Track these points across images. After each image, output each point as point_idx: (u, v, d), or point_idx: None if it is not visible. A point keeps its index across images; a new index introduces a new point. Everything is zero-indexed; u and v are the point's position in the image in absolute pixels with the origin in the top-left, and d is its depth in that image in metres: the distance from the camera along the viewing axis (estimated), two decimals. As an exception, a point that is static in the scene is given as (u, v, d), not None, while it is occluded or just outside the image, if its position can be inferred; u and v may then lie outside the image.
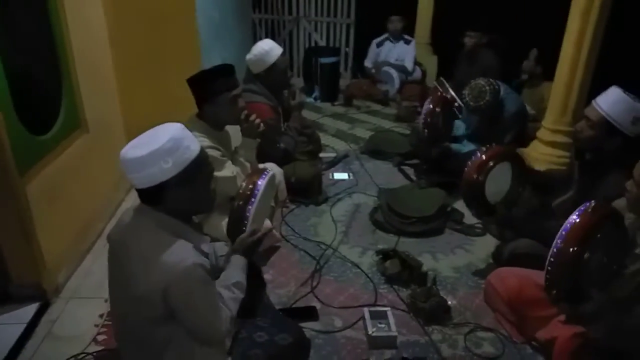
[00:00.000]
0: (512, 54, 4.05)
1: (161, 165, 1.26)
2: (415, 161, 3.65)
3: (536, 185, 2.62)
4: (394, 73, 5.23)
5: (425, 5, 5.72)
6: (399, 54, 5.28)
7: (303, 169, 2.94)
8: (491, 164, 2.25)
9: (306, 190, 3.00)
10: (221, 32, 4.02)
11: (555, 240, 1.60)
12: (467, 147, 3.29)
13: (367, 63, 5.45)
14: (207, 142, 2.07)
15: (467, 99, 3.06)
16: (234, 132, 2.31)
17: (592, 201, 1.62)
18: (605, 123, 1.97)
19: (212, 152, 2.07)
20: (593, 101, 2.04)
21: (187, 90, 2.10)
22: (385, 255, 2.43)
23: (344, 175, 3.40)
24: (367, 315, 2.06)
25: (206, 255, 1.41)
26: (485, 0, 4.79)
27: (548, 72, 3.61)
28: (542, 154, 2.93)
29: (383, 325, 2.02)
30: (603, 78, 2.69)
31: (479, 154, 2.29)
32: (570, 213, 2.17)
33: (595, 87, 2.70)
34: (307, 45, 6.24)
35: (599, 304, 1.64)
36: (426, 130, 3.17)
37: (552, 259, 1.60)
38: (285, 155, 2.90)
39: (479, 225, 2.85)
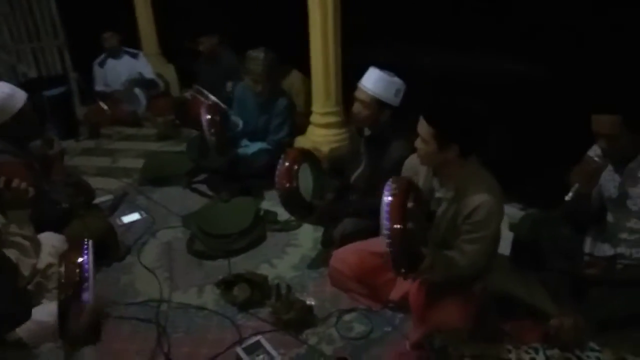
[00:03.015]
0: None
1: None
2: (203, 176, 3.47)
3: (331, 169, 2.84)
4: (136, 90, 4.81)
5: (144, 16, 5.40)
6: (129, 69, 4.86)
7: (92, 226, 2.43)
8: (296, 167, 2.33)
9: (102, 249, 2.49)
10: None
11: (384, 224, 1.66)
12: (251, 147, 3.31)
13: (98, 87, 4.86)
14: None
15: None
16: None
17: (393, 179, 1.77)
18: (375, 101, 2.25)
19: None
20: (359, 84, 2.29)
21: None
22: (228, 283, 2.25)
23: (134, 216, 2.97)
24: (242, 355, 1.87)
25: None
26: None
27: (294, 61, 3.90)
28: (320, 136, 3.17)
29: (262, 356, 1.88)
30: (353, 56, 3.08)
31: (281, 162, 2.33)
32: (366, 184, 2.46)
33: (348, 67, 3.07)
34: (16, 80, 5.13)
35: (431, 255, 1.87)
36: (214, 140, 3.02)
37: (389, 241, 1.66)
38: (64, 216, 2.35)
39: (291, 218, 2.92)
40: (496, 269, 2.02)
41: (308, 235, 2.75)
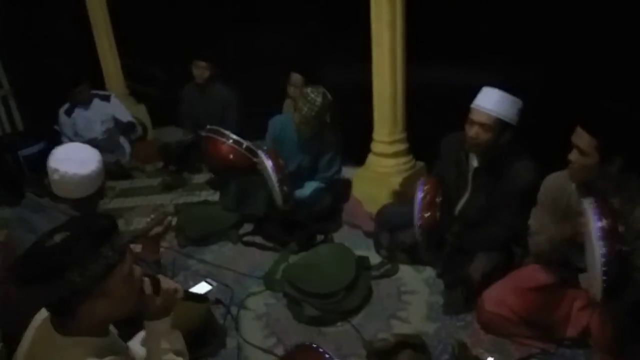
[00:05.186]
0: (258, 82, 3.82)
1: None
2: (250, 227, 3.03)
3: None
4: (119, 137, 4.20)
5: (107, 52, 4.76)
6: (101, 114, 4.21)
7: (190, 312, 1.93)
8: (437, 200, 2.09)
9: (203, 336, 2.01)
10: None
11: (599, 249, 1.54)
12: (307, 188, 2.96)
13: (67, 138, 4.13)
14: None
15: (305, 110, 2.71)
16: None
17: (600, 204, 1.61)
18: (499, 122, 2.07)
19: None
20: (477, 106, 2.09)
21: None
22: (383, 353, 1.90)
23: (204, 287, 2.42)
24: None
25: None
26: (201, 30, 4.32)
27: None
28: (389, 167, 2.92)
29: None
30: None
31: (420, 194, 2.08)
32: (482, 215, 2.25)
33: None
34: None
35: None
36: (285, 189, 2.64)
37: (605, 268, 1.53)
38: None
39: (385, 260, 2.62)
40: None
41: (415, 278, 2.48)
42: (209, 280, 2.52)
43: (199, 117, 3.98)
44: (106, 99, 4.24)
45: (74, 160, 1.62)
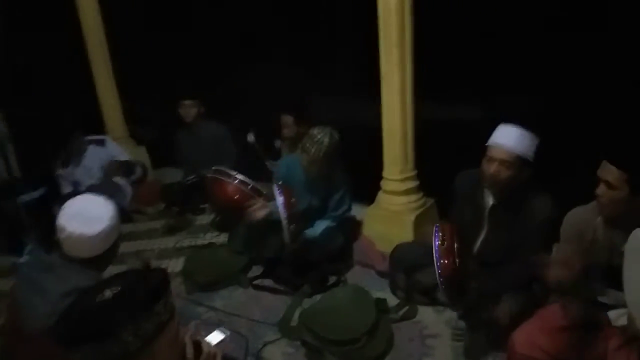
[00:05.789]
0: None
1: None
2: (259, 269, 2.94)
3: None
4: (119, 180, 4.12)
5: (107, 96, 4.73)
6: (99, 159, 4.16)
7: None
8: (456, 245, 2.06)
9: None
10: None
11: None
12: (318, 227, 2.90)
13: (66, 189, 4.04)
14: None
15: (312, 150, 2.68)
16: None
17: None
18: (518, 159, 2.06)
19: None
20: (495, 143, 2.09)
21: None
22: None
23: (218, 336, 2.30)
24: None
25: None
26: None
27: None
28: (401, 205, 2.87)
29: None
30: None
31: (437, 242, 2.06)
32: (501, 253, 2.20)
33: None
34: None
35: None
36: (292, 227, 2.60)
37: None
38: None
39: (403, 302, 2.54)
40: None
41: (436, 320, 2.40)
42: (222, 329, 2.42)
43: (194, 157, 3.99)
44: (101, 143, 4.22)
45: (83, 219, 1.54)
